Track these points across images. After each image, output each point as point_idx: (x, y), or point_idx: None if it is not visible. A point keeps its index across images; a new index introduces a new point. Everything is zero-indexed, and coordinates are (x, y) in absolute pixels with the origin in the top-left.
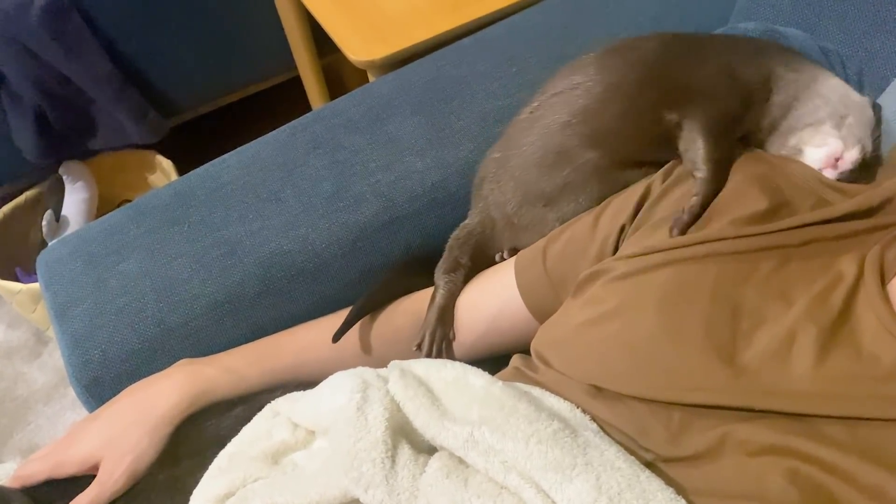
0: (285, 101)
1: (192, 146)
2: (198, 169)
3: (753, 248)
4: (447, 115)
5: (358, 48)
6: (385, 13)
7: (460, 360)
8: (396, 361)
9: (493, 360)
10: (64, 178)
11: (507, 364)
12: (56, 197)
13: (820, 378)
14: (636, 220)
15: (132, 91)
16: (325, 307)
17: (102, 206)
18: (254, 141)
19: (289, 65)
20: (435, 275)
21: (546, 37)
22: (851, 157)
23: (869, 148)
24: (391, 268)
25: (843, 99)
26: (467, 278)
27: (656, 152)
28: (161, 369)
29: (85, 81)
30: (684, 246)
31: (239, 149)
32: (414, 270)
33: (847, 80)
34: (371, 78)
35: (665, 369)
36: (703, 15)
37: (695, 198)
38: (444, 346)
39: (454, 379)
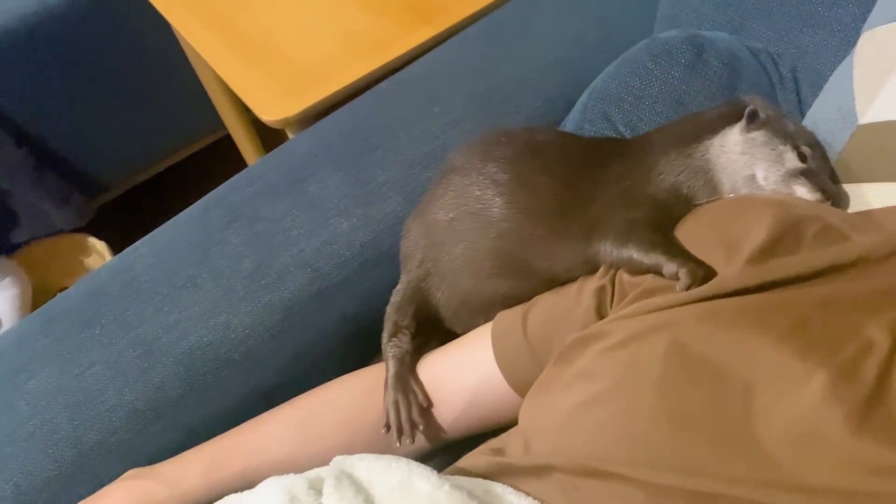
0: (228, 156)
1: (130, 221)
2: (110, 261)
3: (764, 306)
4: (371, 168)
5: (270, 107)
6: (297, 64)
7: (441, 441)
8: (338, 460)
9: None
10: None
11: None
12: None
13: (852, 471)
14: (624, 282)
15: (49, 175)
16: (261, 397)
17: (39, 296)
18: (168, 222)
19: (220, 123)
20: (381, 345)
21: (467, 70)
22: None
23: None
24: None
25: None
26: (417, 337)
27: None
28: (84, 494)
29: None
30: (684, 304)
31: (153, 232)
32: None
33: (782, 79)
34: (290, 135)
35: (670, 458)
36: (626, 29)
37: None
38: (417, 415)
39: (398, 483)
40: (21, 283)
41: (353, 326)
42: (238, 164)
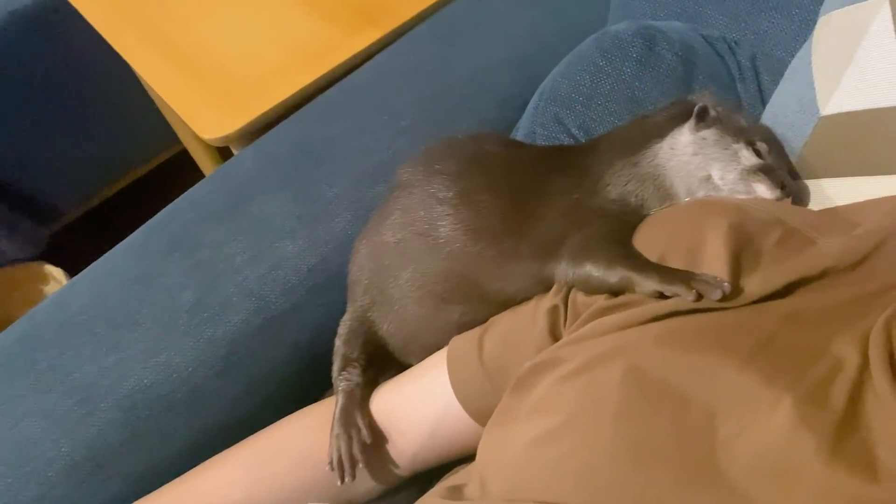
0: (188, 169)
1: (90, 244)
2: (46, 300)
3: (727, 324)
4: (318, 184)
5: (211, 124)
6: (238, 77)
7: (406, 473)
8: None
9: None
10: None
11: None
12: None
13: None
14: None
15: None
16: (210, 439)
17: (2, 328)
18: (106, 253)
19: (177, 138)
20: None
21: (417, 73)
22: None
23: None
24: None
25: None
26: (369, 368)
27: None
28: None
29: None
30: (642, 323)
31: (91, 266)
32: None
33: (740, 69)
34: (235, 152)
35: (632, 495)
36: (582, 20)
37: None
38: (357, 451)
39: None
40: None
41: (306, 356)
42: (199, 177)
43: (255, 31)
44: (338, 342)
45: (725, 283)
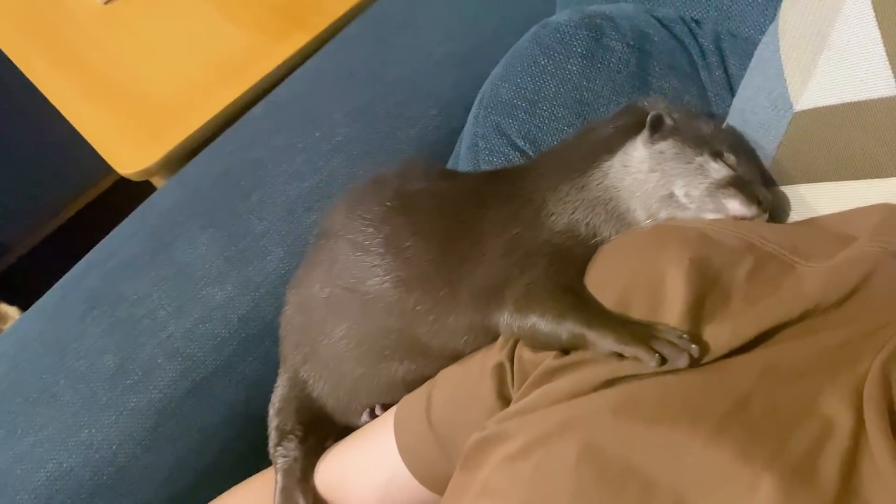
0: (141, 189)
1: (43, 278)
2: None
3: (693, 386)
4: (246, 218)
5: (128, 157)
6: (155, 98)
7: None
8: None
9: None
10: None
11: None
12: None
13: None
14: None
15: None
16: None
17: None
18: (21, 317)
19: None
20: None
21: (350, 79)
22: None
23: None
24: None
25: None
26: (310, 437)
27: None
28: None
29: None
30: (595, 389)
31: (3, 334)
32: None
33: (703, 54)
34: (157, 186)
35: None
36: (527, 7)
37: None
38: None
39: None
40: None
41: (244, 418)
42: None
43: (173, 45)
44: (270, 412)
45: (694, 347)
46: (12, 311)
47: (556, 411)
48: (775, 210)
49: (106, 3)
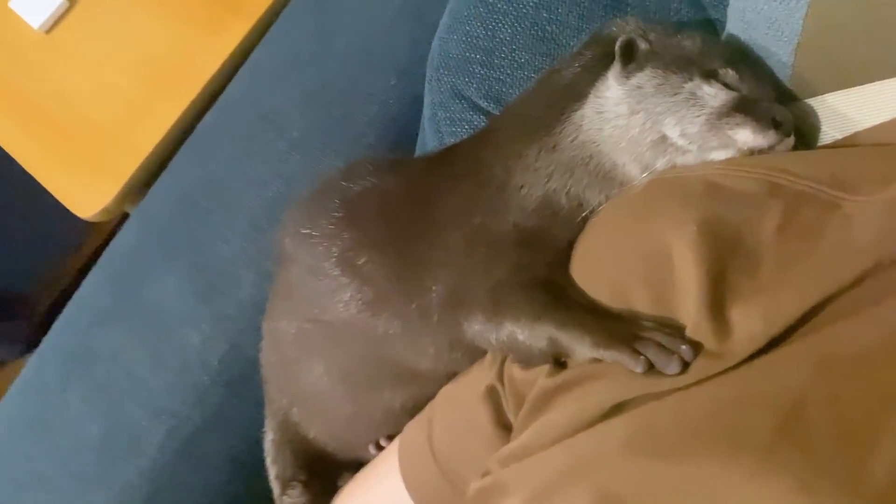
0: None
1: None
2: None
3: (723, 400)
4: (211, 243)
5: (85, 198)
6: (100, 126)
7: None
8: None
9: None
10: None
11: None
12: None
13: None
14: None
15: None
16: None
17: None
18: (5, 395)
19: None
20: None
21: (298, 62)
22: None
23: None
24: None
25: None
26: (314, 480)
27: None
28: None
29: None
30: (596, 420)
31: None
32: None
33: None
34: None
35: None
36: None
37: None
38: None
39: None
40: None
41: (248, 468)
42: None
43: (115, 65)
44: (267, 461)
45: (684, 347)
46: None
47: (557, 454)
48: (802, 131)
49: (48, 31)
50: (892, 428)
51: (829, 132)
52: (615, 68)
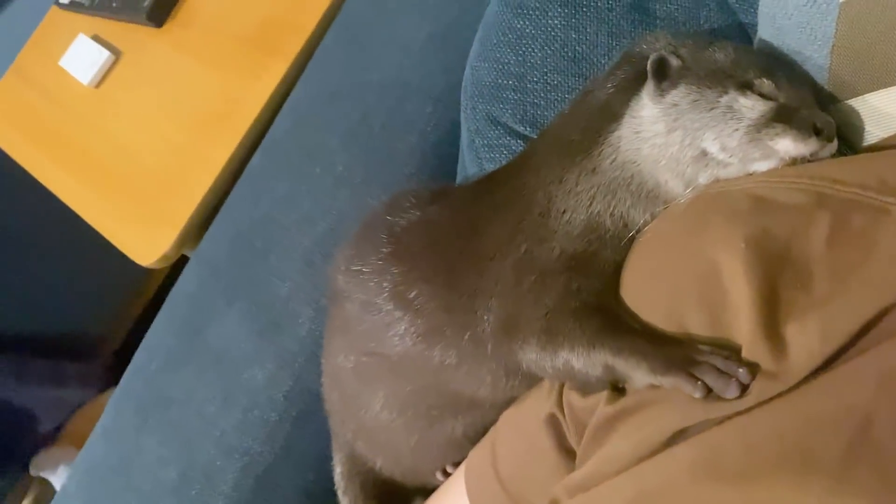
0: None
1: None
2: None
3: (787, 421)
4: (268, 282)
5: (145, 247)
6: (156, 179)
7: None
8: None
9: None
10: (42, 474)
11: None
12: (51, 494)
13: None
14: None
15: (31, 362)
16: None
17: None
18: (87, 442)
19: None
20: None
21: (337, 97)
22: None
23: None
24: None
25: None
26: None
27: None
28: None
29: None
30: (665, 446)
31: (75, 461)
32: None
33: None
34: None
35: None
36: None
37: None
38: None
39: None
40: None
41: (320, 499)
42: None
43: (164, 113)
44: (338, 493)
45: (742, 371)
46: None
47: (623, 485)
48: (845, 133)
49: (97, 86)
50: None
51: (874, 132)
52: (649, 87)
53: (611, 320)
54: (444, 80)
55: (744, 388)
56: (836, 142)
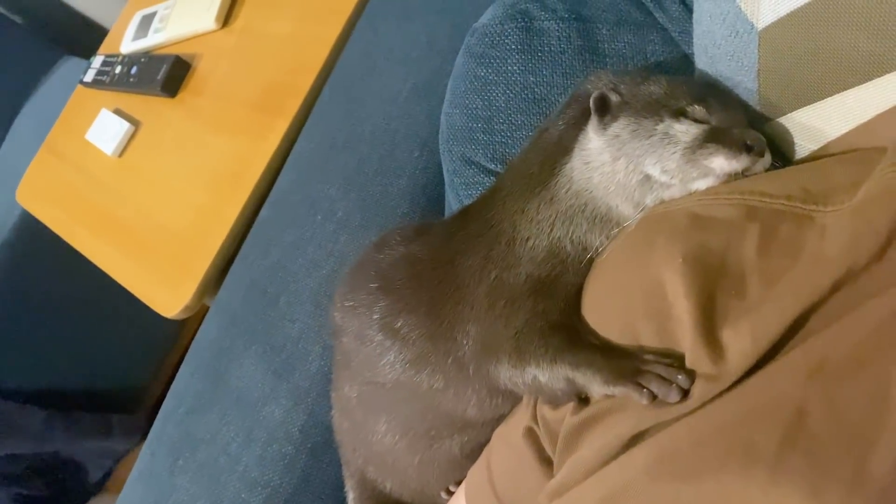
0: None
1: None
2: None
3: (730, 416)
4: (281, 324)
5: (168, 300)
6: (175, 236)
7: None
8: None
9: None
10: None
11: None
12: None
13: None
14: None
15: (80, 416)
16: None
17: None
18: (125, 485)
19: None
20: None
21: (334, 148)
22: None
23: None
24: None
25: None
26: None
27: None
28: None
29: (25, 446)
30: (623, 449)
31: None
32: None
33: None
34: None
35: None
36: (473, 14)
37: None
38: None
39: None
40: None
41: None
42: None
43: (180, 176)
44: None
45: (681, 377)
46: None
47: (591, 488)
48: (780, 149)
49: (119, 156)
50: (888, 423)
51: (805, 145)
52: (593, 122)
53: (572, 337)
54: (429, 126)
55: (685, 393)
56: (768, 156)
